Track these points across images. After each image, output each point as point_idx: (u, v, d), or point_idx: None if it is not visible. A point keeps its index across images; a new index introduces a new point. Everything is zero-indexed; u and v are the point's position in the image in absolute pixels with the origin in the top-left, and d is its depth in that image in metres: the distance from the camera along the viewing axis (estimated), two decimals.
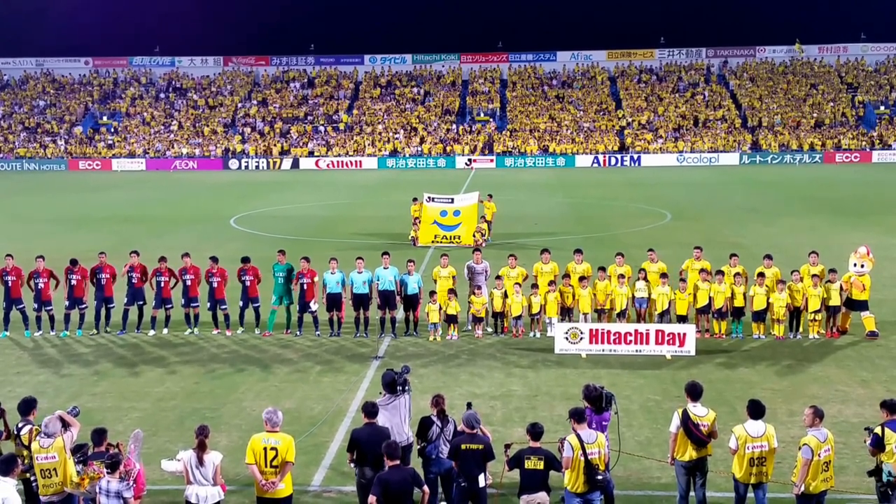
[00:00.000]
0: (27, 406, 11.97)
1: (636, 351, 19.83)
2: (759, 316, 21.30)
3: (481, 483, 11.28)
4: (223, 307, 22.14)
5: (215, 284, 22.04)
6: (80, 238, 38.49)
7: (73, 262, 22.20)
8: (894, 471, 11.10)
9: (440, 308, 21.62)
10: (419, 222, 35.83)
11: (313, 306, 21.71)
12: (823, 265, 21.87)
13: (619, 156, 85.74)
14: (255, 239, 37.97)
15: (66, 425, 11.42)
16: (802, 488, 11.14)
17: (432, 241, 34.59)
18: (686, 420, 11.74)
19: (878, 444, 11.30)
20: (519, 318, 21.68)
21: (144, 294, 22.47)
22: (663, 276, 21.66)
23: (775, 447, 11.52)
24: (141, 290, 22.38)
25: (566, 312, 21.83)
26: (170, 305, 22.25)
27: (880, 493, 11.34)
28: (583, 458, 10.94)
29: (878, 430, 11.39)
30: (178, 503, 11.84)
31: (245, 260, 22.54)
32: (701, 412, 11.87)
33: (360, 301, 21.63)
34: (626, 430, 14.55)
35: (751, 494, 11.63)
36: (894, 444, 11.17)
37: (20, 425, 11.80)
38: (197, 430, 11.12)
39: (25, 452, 11.48)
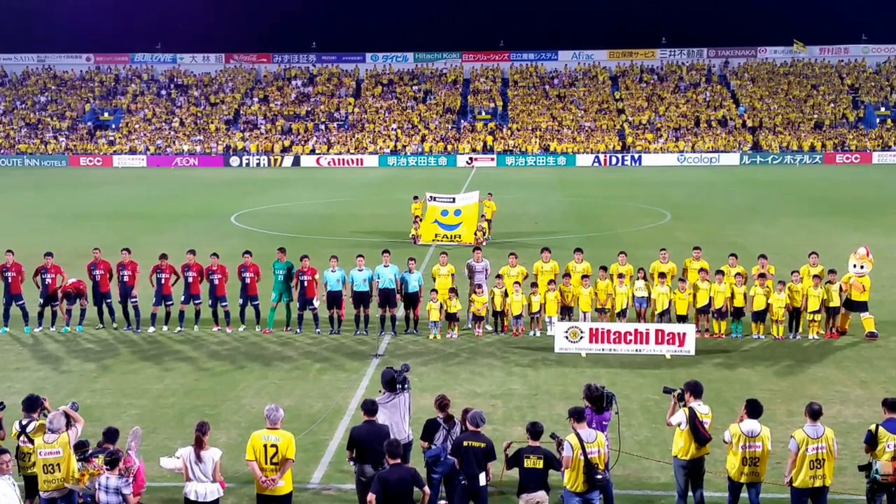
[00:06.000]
0: (32, 403, 11.97)
1: (636, 350, 19.84)
2: (759, 316, 21.31)
3: (482, 482, 11.30)
4: (224, 304, 22.16)
5: (216, 281, 22.06)
6: (80, 234, 38.49)
7: (69, 296, 22.15)
8: (881, 469, 11.17)
9: (441, 306, 21.64)
10: (420, 221, 35.86)
11: (315, 302, 21.75)
12: (823, 266, 21.89)
13: (619, 155, 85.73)
14: (255, 236, 37.97)
15: (70, 421, 11.44)
16: (789, 478, 11.31)
17: (433, 240, 34.61)
18: (693, 418, 11.77)
19: (871, 442, 11.37)
20: (519, 316, 21.69)
21: (133, 291, 22.38)
22: (662, 275, 21.67)
23: (769, 449, 11.58)
24: (131, 287, 22.33)
25: (566, 311, 21.85)
26: (170, 302, 22.26)
27: (868, 489, 11.43)
28: (582, 458, 10.95)
29: (872, 427, 11.46)
30: (178, 500, 11.85)
31: (246, 253, 22.56)
32: (704, 410, 11.99)
33: (361, 299, 21.64)
34: (626, 429, 14.56)
35: (744, 494, 11.68)
36: (886, 443, 11.24)
37: (24, 422, 11.81)
38: (196, 426, 11.13)
39: (31, 447, 11.49)
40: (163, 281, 22.11)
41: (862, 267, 21.66)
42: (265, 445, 11.10)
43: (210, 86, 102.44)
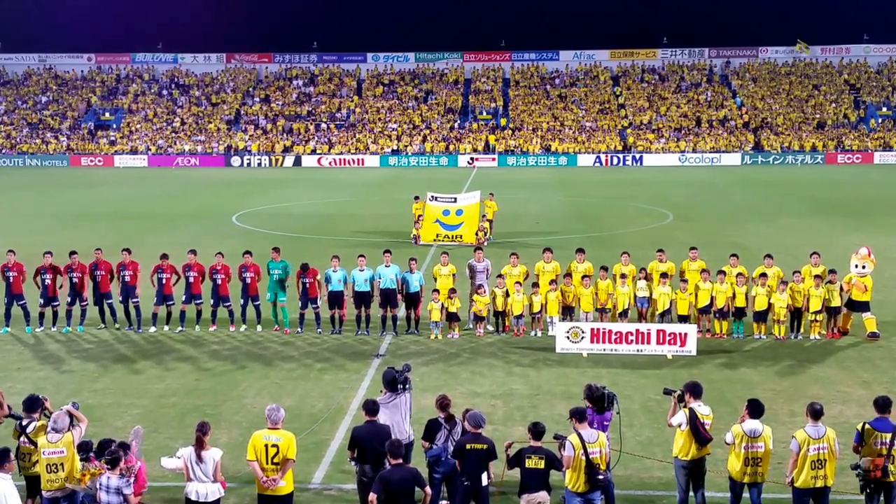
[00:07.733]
0: (32, 404, 11.95)
1: (637, 350, 19.83)
2: (761, 316, 21.29)
3: (484, 482, 11.29)
4: (227, 304, 22.14)
5: (219, 281, 22.04)
6: (80, 234, 38.46)
7: (71, 266, 22.16)
8: (863, 465, 11.23)
9: (442, 306, 21.62)
10: (421, 220, 35.85)
11: (318, 302, 21.76)
12: (825, 266, 21.87)
13: (621, 155, 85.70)
14: (256, 236, 37.95)
15: (73, 421, 11.42)
16: (790, 479, 11.30)
17: (434, 240, 34.60)
18: (694, 419, 11.76)
19: (861, 441, 11.38)
20: (520, 316, 21.68)
21: (136, 291, 22.37)
22: (664, 275, 21.66)
23: (771, 449, 11.57)
24: (133, 287, 22.31)
25: (567, 311, 21.83)
26: (171, 302, 22.24)
27: (862, 488, 11.49)
28: (584, 458, 10.94)
29: (858, 426, 11.50)
30: (179, 500, 11.84)
31: (247, 253, 22.54)
32: (705, 410, 11.98)
33: (362, 299, 21.63)
34: (627, 429, 14.54)
35: (745, 495, 11.67)
36: (874, 441, 11.28)
37: (24, 422, 11.79)
38: (197, 426, 11.12)
39: (31, 448, 11.47)
40: (164, 281, 22.09)
41: (863, 267, 21.65)
42: (266, 445, 11.09)
43: (211, 86, 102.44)
